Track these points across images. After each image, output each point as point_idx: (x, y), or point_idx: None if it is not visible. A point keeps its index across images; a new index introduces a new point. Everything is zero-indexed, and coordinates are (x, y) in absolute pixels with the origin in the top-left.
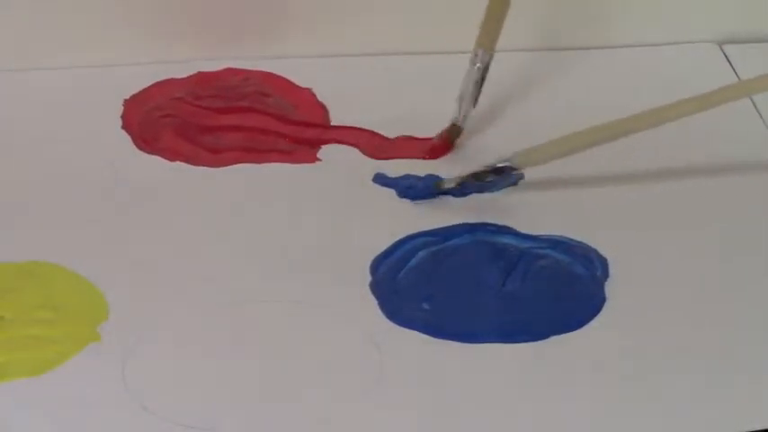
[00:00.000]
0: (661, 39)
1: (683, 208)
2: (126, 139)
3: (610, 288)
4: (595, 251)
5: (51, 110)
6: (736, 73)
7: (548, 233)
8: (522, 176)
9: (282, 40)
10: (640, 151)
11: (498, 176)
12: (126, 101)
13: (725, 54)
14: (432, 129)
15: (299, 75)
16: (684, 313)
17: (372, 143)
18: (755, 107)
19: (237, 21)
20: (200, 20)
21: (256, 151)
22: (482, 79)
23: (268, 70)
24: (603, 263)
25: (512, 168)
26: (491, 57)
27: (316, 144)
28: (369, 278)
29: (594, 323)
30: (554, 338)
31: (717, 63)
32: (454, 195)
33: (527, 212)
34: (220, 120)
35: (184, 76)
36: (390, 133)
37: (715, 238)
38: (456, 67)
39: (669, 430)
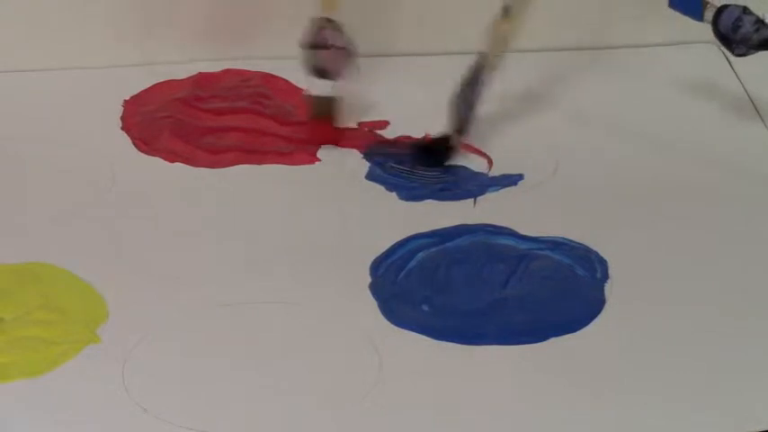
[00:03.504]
0: (661, 39)
1: (683, 210)
2: (126, 139)
3: (609, 290)
4: (595, 253)
5: (51, 111)
6: (735, 73)
7: (548, 235)
8: (521, 177)
9: (282, 41)
10: (641, 154)
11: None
12: (126, 102)
13: (724, 54)
14: (430, 129)
15: (299, 76)
16: (683, 315)
17: (371, 144)
18: (755, 108)
19: (238, 22)
20: (201, 21)
21: (256, 152)
22: None
23: (268, 71)
24: (603, 265)
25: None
26: None
27: (315, 145)
28: (368, 279)
29: (594, 325)
30: (553, 340)
31: (716, 63)
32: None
33: (527, 214)
34: (220, 121)
35: (184, 77)
36: (389, 133)
37: (715, 240)
38: (456, 68)
39: (669, 431)
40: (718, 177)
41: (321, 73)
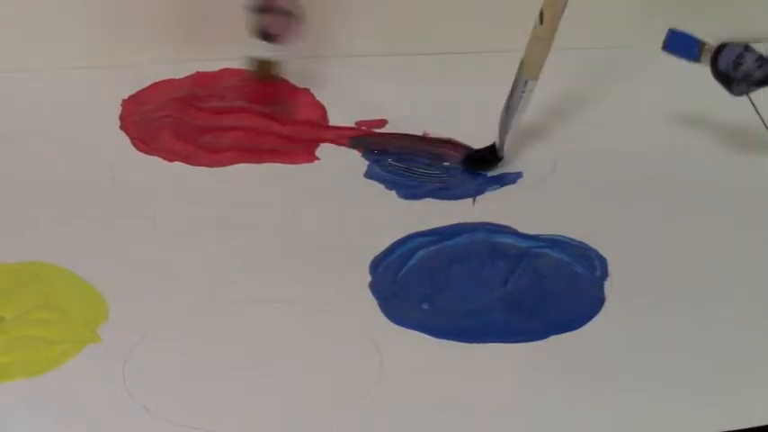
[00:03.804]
0: (661, 39)
1: (683, 208)
2: (124, 139)
3: (609, 288)
4: (595, 251)
5: (51, 110)
6: None
7: (547, 233)
8: (520, 175)
9: None
10: (640, 153)
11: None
12: (124, 101)
13: None
14: (428, 128)
15: (297, 75)
16: (683, 313)
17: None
18: (755, 108)
19: (236, 21)
20: (199, 21)
21: (254, 151)
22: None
23: None
24: (603, 263)
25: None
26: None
27: (314, 144)
28: (368, 278)
29: (593, 323)
30: (553, 338)
31: None
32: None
33: (526, 212)
34: (218, 120)
35: (183, 76)
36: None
37: (714, 238)
38: (455, 68)
39: (669, 429)
40: (718, 177)
41: (266, 36)
